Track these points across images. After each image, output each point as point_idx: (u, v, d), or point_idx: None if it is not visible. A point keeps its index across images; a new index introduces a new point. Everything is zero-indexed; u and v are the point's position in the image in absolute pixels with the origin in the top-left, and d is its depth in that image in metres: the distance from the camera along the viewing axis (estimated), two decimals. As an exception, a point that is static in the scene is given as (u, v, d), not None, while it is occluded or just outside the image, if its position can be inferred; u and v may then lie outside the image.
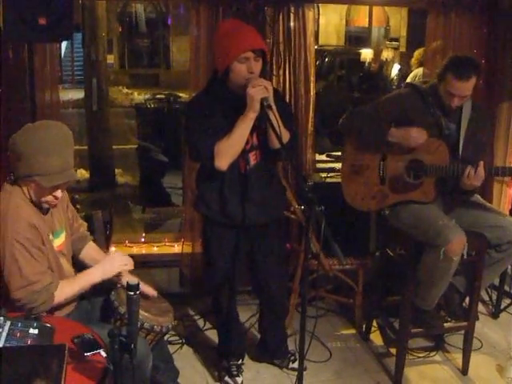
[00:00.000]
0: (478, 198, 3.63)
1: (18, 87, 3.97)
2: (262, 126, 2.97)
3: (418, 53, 6.84)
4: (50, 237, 2.56)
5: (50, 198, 2.52)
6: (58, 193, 2.52)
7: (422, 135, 3.37)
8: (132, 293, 1.87)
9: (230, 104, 2.96)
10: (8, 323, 2.12)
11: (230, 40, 2.89)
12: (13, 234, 2.38)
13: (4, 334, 2.07)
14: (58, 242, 2.65)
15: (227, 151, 2.93)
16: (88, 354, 2.08)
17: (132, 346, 1.88)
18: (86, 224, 3.03)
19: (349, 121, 3.61)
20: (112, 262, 2.68)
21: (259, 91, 2.80)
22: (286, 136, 2.96)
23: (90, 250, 2.96)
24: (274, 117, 2.75)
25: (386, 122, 3.50)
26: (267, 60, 3.09)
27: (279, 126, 2.73)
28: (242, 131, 2.92)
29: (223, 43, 2.92)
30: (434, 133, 3.43)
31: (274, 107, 2.79)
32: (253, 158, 3.11)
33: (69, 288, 2.54)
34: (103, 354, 2.11)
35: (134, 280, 1.96)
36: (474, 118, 3.46)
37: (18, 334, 2.09)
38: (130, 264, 2.72)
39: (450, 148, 3.42)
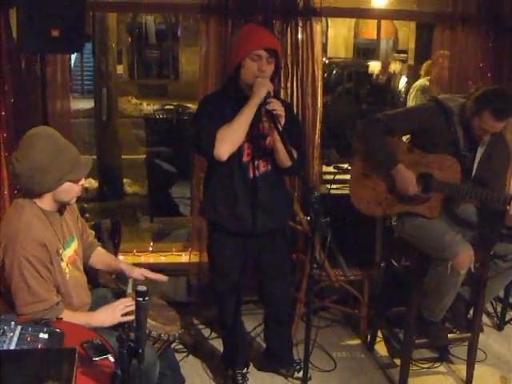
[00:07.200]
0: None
1: (29, 97, 4.04)
2: (270, 130, 3.00)
3: (426, 64, 6.87)
4: (61, 250, 2.58)
5: (78, 189, 2.59)
6: (83, 181, 2.61)
7: (412, 188, 3.38)
8: (141, 299, 1.91)
9: (241, 104, 2.97)
10: (19, 328, 2.15)
11: (245, 38, 2.99)
12: (22, 252, 2.40)
13: (15, 339, 2.10)
14: (70, 251, 2.67)
15: (227, 137, 2.92)
16: (96, 358, 2.12)
17: (140, 350, 1.91)
18: (93, 233, 3.08)
19: (364, 132, 3.54)
20: (113, 313, 2.60)
21: (268, 83, 2.87)
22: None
23: (98, 255, 3.02)
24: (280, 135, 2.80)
25: (402, 132, 3.55)
26: (280, 65, 3.13)
27: (286, 144, 2.77)
28: (245, 117, 2.93)
29: (238, 43, 3.04)
30: (451, 151, 3.38)
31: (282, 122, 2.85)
32: (262, 165, 3.14)
33: (71, 319, 2.50)
34: (111, 359, 2.14)
35: (142, 287, 1.98)
36: (491, 143, 3.39)
37: (29, 339, 2.12)
38: (130, 305, 2.61)
39: (464, 169, 3.38)
